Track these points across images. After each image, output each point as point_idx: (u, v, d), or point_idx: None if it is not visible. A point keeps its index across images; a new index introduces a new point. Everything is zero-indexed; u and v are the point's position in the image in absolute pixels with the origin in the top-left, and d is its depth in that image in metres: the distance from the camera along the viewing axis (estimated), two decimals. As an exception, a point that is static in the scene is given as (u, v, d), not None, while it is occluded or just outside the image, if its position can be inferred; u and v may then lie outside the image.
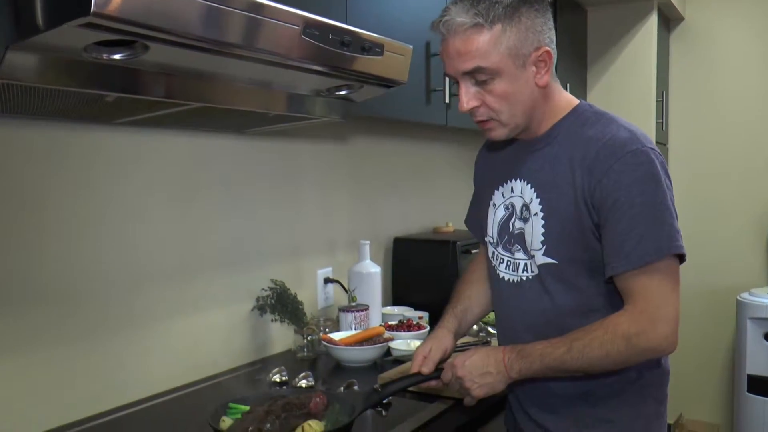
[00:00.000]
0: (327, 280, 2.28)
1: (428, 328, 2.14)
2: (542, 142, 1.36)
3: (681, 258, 1.26)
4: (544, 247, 1.31)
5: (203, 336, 1.87)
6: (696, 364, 3.76)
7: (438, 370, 1.45)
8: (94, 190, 1.57)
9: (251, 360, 2.00)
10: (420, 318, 2.27)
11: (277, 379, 1.73)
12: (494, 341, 1.92)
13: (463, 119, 2.31)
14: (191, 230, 1.83)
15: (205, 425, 1.32)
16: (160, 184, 1.74)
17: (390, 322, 2.17)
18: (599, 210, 1.25)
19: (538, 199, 1.33)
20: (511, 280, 1.40)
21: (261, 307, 1.99)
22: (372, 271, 2.21)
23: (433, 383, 1.47)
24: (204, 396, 1.59)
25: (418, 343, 1.96)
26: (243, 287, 1.99)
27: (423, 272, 2.50)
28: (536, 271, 1.34)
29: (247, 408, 1.38)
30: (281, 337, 2.10)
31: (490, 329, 2.12)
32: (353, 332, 2.02)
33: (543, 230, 1.31)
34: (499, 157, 1.48)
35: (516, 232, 1.38)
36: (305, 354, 2.01)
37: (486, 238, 1.48)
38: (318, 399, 1.39)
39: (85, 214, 1.56)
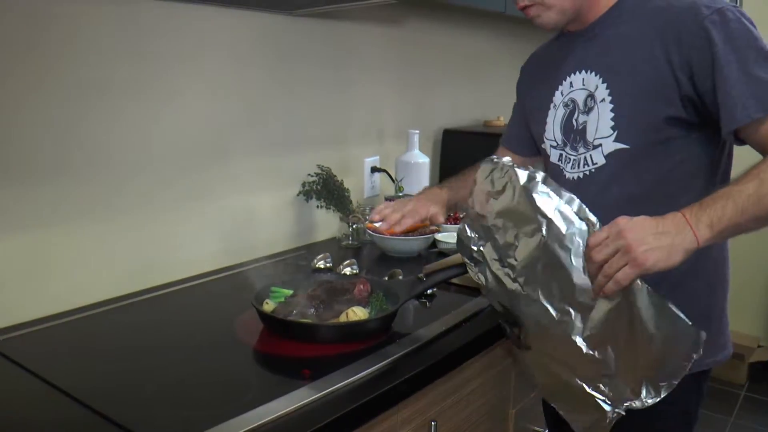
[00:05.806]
0: (374, 169, 2.23)
1: (475, 223, 2.08)
2: (603, 24, 1.29)
3: None
4: (615, 133, 1.24)
5: (248, 219, 1.86)
6: (745, 275, 3.66)
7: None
8: (137, 64, 1.53)
9: (295, 246, 1.99)
10: (467, 212, 2.22)
11: (322, 266, 1.71)
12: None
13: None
14: (235, 110, 1.78)
15: (249, 307, 1.32)
16: (202, 62, 1.68)
17: (436, 215, 2.12)
18: (700, 75, 1.14)
19: (605, 84, 1.25)
20: (572, 178, 1.33)
21: (306, 193, 1.96)
22: (420, 161, 2.15)
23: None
24: (247, 279, 1.59)
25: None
26: (289, 172, 1.95)
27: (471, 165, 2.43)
28: (602, 162, 1.27)
29: (291, 292, 1.38)
30: (326, 224, 2.09)
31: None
32: (399, 223, 1.98)
33: (612, 114, 1.24)
34: (555, 56, 1.41)
35: (580, 127, 1.31)
36: (350, 242, 1.99)
37: (546, 144, 1.41)
38: (362, 286, 1.37)
39: (137, 90, 1.52)
